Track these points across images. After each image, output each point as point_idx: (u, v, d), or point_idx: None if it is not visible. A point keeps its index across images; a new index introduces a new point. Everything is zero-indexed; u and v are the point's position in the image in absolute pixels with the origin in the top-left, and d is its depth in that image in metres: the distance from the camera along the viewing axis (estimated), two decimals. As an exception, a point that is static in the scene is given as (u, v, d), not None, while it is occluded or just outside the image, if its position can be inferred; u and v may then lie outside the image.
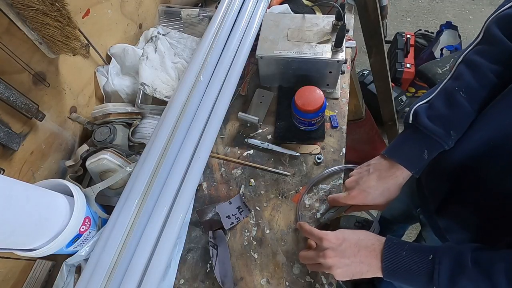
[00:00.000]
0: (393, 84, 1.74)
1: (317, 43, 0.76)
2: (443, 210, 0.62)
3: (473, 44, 0.53)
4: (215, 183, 0.76)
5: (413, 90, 1.87)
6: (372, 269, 0.51)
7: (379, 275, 0.50)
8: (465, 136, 0.53)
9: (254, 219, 0.71)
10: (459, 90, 0.51)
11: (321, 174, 0.72)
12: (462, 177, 0.55)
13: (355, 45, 0.92)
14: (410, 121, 0.55)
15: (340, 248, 0.51)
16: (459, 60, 0.54)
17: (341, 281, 0.68)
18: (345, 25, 0.71)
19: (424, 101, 0.55)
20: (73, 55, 0.66)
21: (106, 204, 0.73)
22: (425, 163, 0.54)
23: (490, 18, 0.52)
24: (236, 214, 0.70)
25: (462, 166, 0.54)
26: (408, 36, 1.86)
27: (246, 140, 0.80)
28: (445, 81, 0.55)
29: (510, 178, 0.46)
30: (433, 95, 0.55)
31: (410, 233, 1.53)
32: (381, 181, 0.55)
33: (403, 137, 0.57)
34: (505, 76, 0.49)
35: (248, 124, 0.82)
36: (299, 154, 0.76)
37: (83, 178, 0.78)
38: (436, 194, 0.64)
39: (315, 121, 0.74)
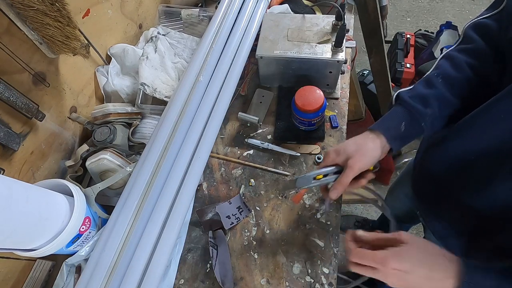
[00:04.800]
0: (393, 84, 1.73)
1: (317, 43, 0.76)
2: (432, 218, 0.67)
3: (454, 46, 0.61)
4: (215, 183, 0.76)
5: (413, 90, 1.86)
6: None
7: None
8: (447, 150, 0.58)
9: (254, 219, 0.71)
10: (437, 76, 0.58)
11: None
12: (442, 189, 0.60)
13: (355, 45, 0.92)
14: (393, 103, 0.61)
15: (407, 276, 0.46)
16: (441, 57, 0.61)
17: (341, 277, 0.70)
18: (345, 25, 0.71)
19: (407, 88, 0.62)
20: (73, 55, 0.66)
21: (106, 204, 0.73)
22: (402, 135, 0.58)
23: (468, 25, 0.60)
24: (236, 214, 0.70)
25: (443, 178, 0.59)
26: (408, 36, 1.86)
27: (246, 140, 0.80)
28: (427, 73, 0.62)
29: (488, 190, 0.50)
30: (415, 84, 0.62)
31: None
32: (368, 139, 0.58)
33: (386, 114, 0.62)
34: (478, 68, 0.56)
35: (248, 124, 0.82)
36: (299, 154, 0.76)
37: (83, 178, 0.78)
38: (423, 202, 0.70)
39: (315, 121, 0.74)
